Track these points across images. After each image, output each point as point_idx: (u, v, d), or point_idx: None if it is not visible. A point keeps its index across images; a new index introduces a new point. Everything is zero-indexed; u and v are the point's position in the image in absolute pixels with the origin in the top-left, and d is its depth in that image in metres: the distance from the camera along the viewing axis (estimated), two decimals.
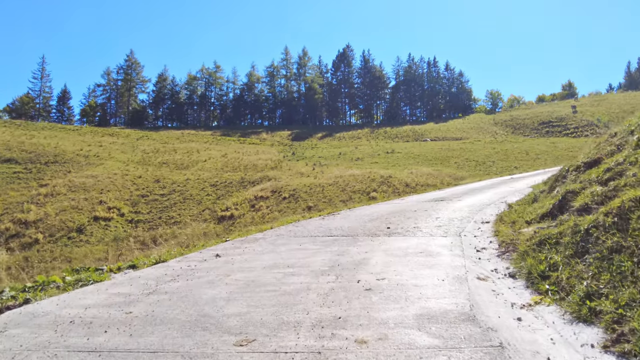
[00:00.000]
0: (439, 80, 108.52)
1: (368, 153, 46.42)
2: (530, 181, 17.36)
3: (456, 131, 72.58)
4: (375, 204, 16.16)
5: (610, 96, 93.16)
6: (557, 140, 51.91)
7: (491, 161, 38.71)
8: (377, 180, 29.80)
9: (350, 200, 26.97)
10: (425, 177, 30.86)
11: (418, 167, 36.22)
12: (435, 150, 45.55)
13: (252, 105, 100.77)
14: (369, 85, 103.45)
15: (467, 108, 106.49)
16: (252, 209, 28.96)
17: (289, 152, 52.13)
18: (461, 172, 33.81)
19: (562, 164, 35.55)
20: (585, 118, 69.86)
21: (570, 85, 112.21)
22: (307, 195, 28.65)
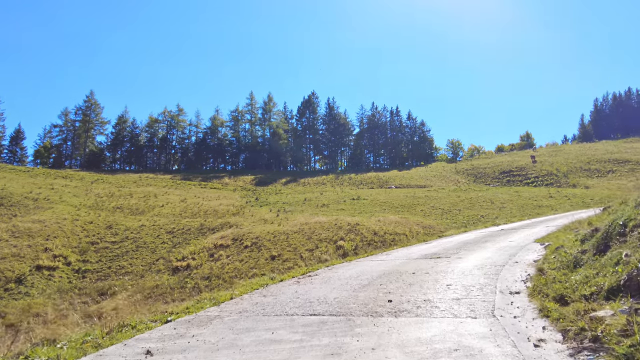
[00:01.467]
0: (402, 129, 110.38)
1: (334, 199, 45.38)
2: (526, 234, 16.08)
3: (420, 179, 72.93)
4: (357, 261, 14.06)
5: (566, 147, 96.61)
6: (519, 189, 52.43)
7: (457, 209, 38.25)
8: (344, 228, 28.60)
9: (316, 249, 25.62)
10: (393, 225, 29.87)
11: (385, 214, 35.31)
12: (401, 198, 44.96)
13: (215, 150, 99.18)
14: (333, 132, 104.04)
15: (429, 157, 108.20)
16: (210, 258, 27.11)
17: (252, 197, 50.59)
18: (429, 221, 33.04)
19: (528, 212, 35.03)
20: (545, 168, 71.58)
21: (528, 136, 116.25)
22: (270, 243, 27.10)
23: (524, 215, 34.59)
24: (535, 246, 11.28)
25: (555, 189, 52.91)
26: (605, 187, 55.58)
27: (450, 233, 20.55)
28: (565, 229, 13.63)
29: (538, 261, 8.13)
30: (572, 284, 5.18)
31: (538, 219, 25.71)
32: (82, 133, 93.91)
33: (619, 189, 52.15)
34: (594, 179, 64.21)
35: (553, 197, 42.91)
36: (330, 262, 14.75)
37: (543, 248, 10.15)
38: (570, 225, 14.09)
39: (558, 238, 10.96)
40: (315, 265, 14.61)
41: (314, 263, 23.47)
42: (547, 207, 37.79)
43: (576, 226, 12.79)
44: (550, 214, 34.51)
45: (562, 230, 13.45)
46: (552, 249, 7.80)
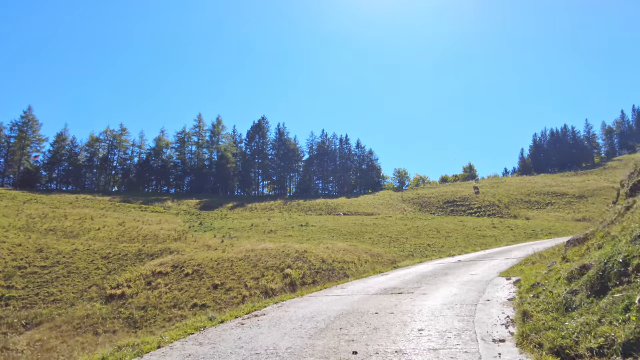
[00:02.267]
0: (351, 157, 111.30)
1: (281, 225, 44.33)
2: (487, 267, 15.25)
3: (367, 206, 73.12)
4: (310, 296, 12.42)
5: (507, 179, 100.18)
6: (464, 219, 53.30)
7: (404, 237, 38.18)
8: (292, 256, 27.61)
9: (262, 277, 24.47)
10: (341, 252, 29.20)
11: (333, 241, 34.63)
12: (349, 225, 44.53)
13: (158, 171, 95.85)
14: (283, 157, 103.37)
15: (376, 185, 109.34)
16: (148, 286, 25.33)
17: (195, 222, 48.71)
18: (377, 249, 32.63)
19: (473, 242, 35.29)
20: (487, 199, 73.56)
21: (471, 167, 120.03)
22: (213, 271, 25.70)
23: (469, 244, 34.84)
24: (502, 281, 10.58)
25: (498, 219, 54.18)
26: (544, 219, 57.48)
27: (405, 264, 19.55)
28: (527, 261, 13.25)
29: (513, 300, 7.36)
30: (571, 332, 4.41)
31: (493, 250, 25.26)
32: (17, 150, 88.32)
33: (557, 221, 54.04)
34: (534, 211, 66.44)
35: (496, 228, 43.70)
36: (280, 296, 13.22)
37: (511, 284, 9.46)
38: (530, 258, 13.75)
39: (524, 272, 10.42)
40: (262, 300, 13.32)
41: (259, 293, 22.35)
42: (491, 237, 38.32)
43: (536, 259, 12.46)
44: (495, 245, 34.94)
45: (524, 264, 12.97)
46: (527, 287, 7.07)
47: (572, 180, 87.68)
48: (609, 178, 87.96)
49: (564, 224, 48.10)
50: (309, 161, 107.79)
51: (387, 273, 16.97)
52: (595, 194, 71.21)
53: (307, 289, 22.82)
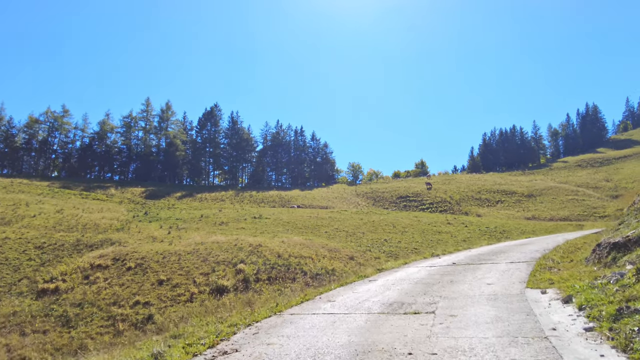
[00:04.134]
0: (305, 149, 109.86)
1: (234, 217, 42.35)
2: (497, 272, 12.17)
3: (322, 200, 72.06)
4: (292, 314, 9.29)
5: (457, 176, 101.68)
6: (418, 215, 53.03)
7: (361, 232, 37.17)
8: (245, 249, 25.88)
9: (213, 272, 22.63)
10: (298, 247, 27.71)
11: (289, 235, 33.10)
12: (305, 218, 43.11)
13: (102, 157, 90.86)
14: (235, 147, 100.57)
15: (330, 178, 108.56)
16: (85, 280, 22.94)
17: (140, 211, 45.92)
18: (334, 243, 31.37)
19: (429, 237, 34.63)
20: (439, 195, 74.07)
21: (423, 164, 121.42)
22: (158, 265, 23.60)
23: (426, 240, 34.30)
24: (538, 296, 8.30)
25: (452, 215, 54.28)
26: (496, 217, 58.17)
27: (390, 266, 17.14)
28: (541, 267, 11.21)
29: (595, 331, 5.20)
30: None
31: (481, 250, 21.93)
32: None
33: (509, 219, 54.73)
34: (484, 208, 67.32)
35: (451, 224, 43.48)
36: (253, 315, 9.31)
37: (558, 302, 7.34)
38: (542, 262, 11.90)
39: (558, 284, 8.76)
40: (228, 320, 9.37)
41: (209, 290, 20.53)
42: (447, 234, 37.90)
43: (550, 263, 11.14)
44: (452, 240, 34.48)
45: (539, 270, 10.62)
46: (597, 311, 5.46)
47: (520, 180, 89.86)
48: (555, 178, 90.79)
49: (516, 222, 48.58)
50: (263, 152, 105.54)
51: (375, 278, 13.93)
52: (543, 194, 73.03)
53: (265, 286, 21.29)
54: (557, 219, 56.40)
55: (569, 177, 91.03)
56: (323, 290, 11.96)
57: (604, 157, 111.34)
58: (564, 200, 67.61)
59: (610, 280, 6.41)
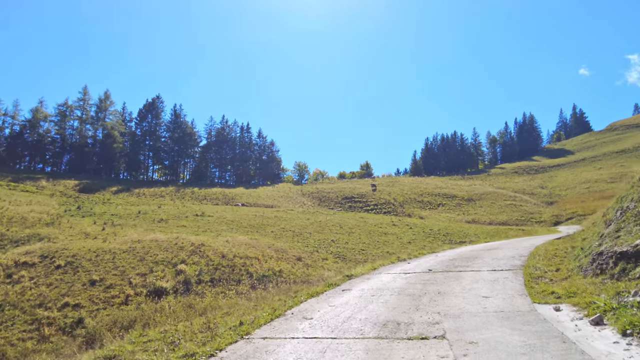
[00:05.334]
0: (251, 146, 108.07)
1: (174, 214, 40.41)
2: (486, 282, 11.00)
3: (267, 198, 70.82)
4: (261, 336, 7.53)
5: (401, 179, 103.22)
6: (364, 216, 52.96)
7: (308, 232, 36.42)
8: (186, 249, 24.40)
9: (151, 273, 21.08)
10: (243, 247, 26.50)
11: (233, 234, 31.77)
12: (250, 217, 41.83)
13: (33, 146, 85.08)
14: (177, 141, 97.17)
15: (276, 177, 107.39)
16: (8, 279, 20.69)
17: (73, 205, 43.00)
18: (280, 243, 30.38)
19: (376, 239, 34.31)
20: (383, 197, 74.67)
21: (368, 165, 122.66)
22: (91, 264, 21.72)
23: (372, 241, 33.98)
24: (557, 315, 7.17)
25: (396, 217, 54.60)
26: (438, 219, 59.12)
27: (360, 272, 14.66)
28: (535, 277, 10.39)
29: None
30: None
31: (447, 254, 20.56)
32: None
33: (450, 222, 55.71)
34: (427, 210, 68.40)
35: (396, 225, 43.55)
36: (217, 339, 7.29)
37: (585, 324, 6.31)
38: (529, 271, 11.11)
39: (569, 300, 7.88)
40: None
41: (146, 292, 19.00)
42: (392, 235, 37.86)
43: (538, 273, 10.51)
44: (398, 242, 34.38)
45: (533, 281, 10.02)
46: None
47: (460, 184, 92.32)
48: (493, 184, 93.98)
49: (458, 225, 49.41)
50: (207, 147, 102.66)
51: (348, 287, 12.06)
52: (483, 198, 75.18)
53: (207, 288, 19.98)
54: (496, 223, 58.03)
55: (506, 183, 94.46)
56: (293, 304, 10.01)
57: (539, 165, 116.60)
58: (502, 205, 69.84)
59: (627, 300, 5.83)
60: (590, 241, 12.82)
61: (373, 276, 13.98)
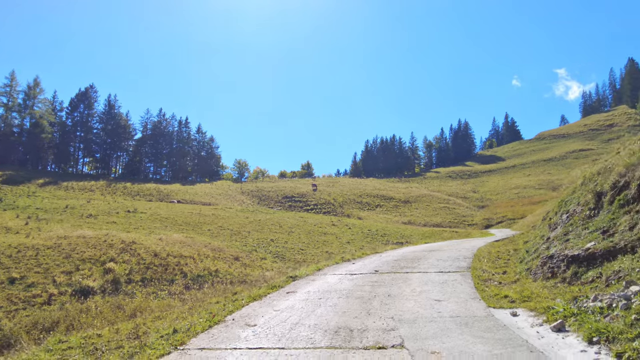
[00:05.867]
0: (189, 142, 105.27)
1: (104, 210, 38.54)
2: (436, 284, 10.55)
3: (205, 196, 69.21)
4: (200, 348, 6.55)
5: (341, 180, 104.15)
6: (304, 215, 52.86)
7: (246, 231, 35.81)
8: (116, 247, 23.27)
9: (77, 271, 19.93)
10: (178, 245, 25.63)
11: (167, 232, 30.72)
12: (186, 214, 40.63)
13: None
14: (110, 133, 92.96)
15: (214, 174, 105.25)
16: None
17: None
18: (217, 242, 29.68)
19: (315, 238, 34.23)
20: (323, 197, 75.03)
21: (309, 165, 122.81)
22: (11, 260, 20.23)
23: (312, 241, 33.91)
24: (510, 319, 7.04)
25: (336, 217, 54.92)
26: (375, 220, 60.07)
27: (304, 273, 13.16)
28: (483, 279, 10.34)
29: None
30: None
31: (390, 255, 19.38)
32: None
33: (387, 223, 56.75)
34: (365, 211, 69.37)
35: (336, 226, 43.78)
36: (146, 351, 6.36)
37: (549, 330, 6.16)
38: (477, 273, 10.75)
39: (523, 300, 7.85)
40: None
41: (71, 291, 17.86)
42: (332, 235, 37.98)
43: (486, 276, 10.45)
44: (337, 242, 34.50)
45: (484, 284, 9.89)
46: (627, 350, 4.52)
47: (398, 186, 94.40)
48: (428, 187, 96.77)
49: (395, 226, 50.38)
50: (142, 141, 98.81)
51: (292, 289, 11.17)
52: (418, 200, 77.19)
53: (138, 288, 19.04)
54: (431, 224, 59.72)
55: (441, 187, 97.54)
56: (233, 308, 9.05)
57: (472, 170, 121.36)
58: (436, 208, 72.01)
59: (610, 304, 5.80)
60: (533, 244, 13.19)
61: (318, 277, 13.24)
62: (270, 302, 9.65)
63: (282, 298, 10.02)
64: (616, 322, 5.28)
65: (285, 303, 9.37)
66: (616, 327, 5.18)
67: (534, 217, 39.60)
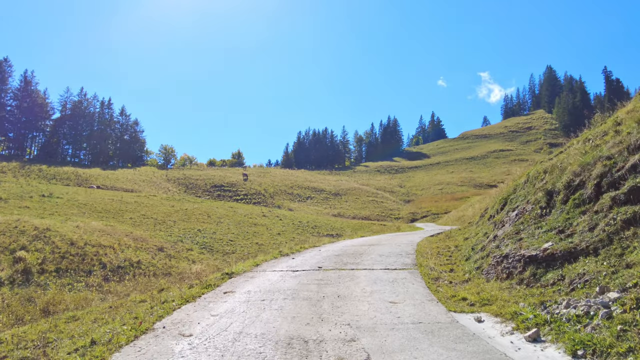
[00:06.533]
0: (112, 124, 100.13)
1: (16, 193, 35.65)
2: (386, 284, 9.77)
3: (127, 182, 66.11)
4: None
5: (272, 170, 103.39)
6: (234, 205, 51.79)
7: (172, 221, 34.46)
8: (28, 233, 21.45)
9: None
10: (97, 234, 24.06)
11: (85, 219, 28.81)
12: (106, 201, 38.45)
13: None
14: (26, 111, 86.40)
15: (138, 159, 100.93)
16: None
17: None
18: (140, 231, 28.28)
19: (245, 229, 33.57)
20: (254, 187, 74.15)
21: (240, 154, 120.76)
22: None
23: (242, 232, 33.25)
24: (476, 326, 6.54)
25: (267, 208, 54.36)
26: (306, 212, 60.11)
27: (241, 269, 10.67)
28: (434, 278, 9.83)
29: None
30: None
31: (331, 249, 18.53)
32: None
33: (318, 215, 56.99)
34: (296, 203, 69.29)
35: (266, 217, 43.25)
36: None
37: (523, 340, 5.67)
38: (426, 272, 10.53)
39: (483, 304, 7.49)
40: None
41: None
42: (262, 226, 37.46)
43: (435, 274, 10.00)
44: (268, 233, 34.07)
45: (435, 283, 9.40)
46: None
47: (328, 179, 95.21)
48: (358, 180, 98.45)
49: (325, 218, 50.61)
50: (60, 121, 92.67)
51: (230, 289, 9.83)
52: (348, 193, 78.26)
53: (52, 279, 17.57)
54: (359, 217, 60.65)
55: (369, 180, 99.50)
56: (163, 312, 7.73)
57: (399, 165, 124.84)
58: (365, 201, 73.31)
59: (587, 311, 5.55)
60: (476, 241, 13.10)
61: (257, 274, 11.96)
62: (206, 304, 8.43)
63: (220, 299, 8.79)
64: (600, 333, 4.85)
65: (224, 306, 8.19)
66: (602, 339, 4.77)
67: (458, 213, 41.19)
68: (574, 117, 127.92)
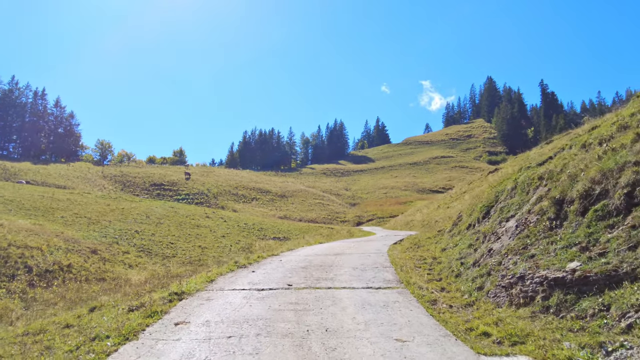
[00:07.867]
0: (45, 116, 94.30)
1: None
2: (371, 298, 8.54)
3: (59, 178, 62.10)
4: None
5: (216, 170, 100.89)
6: (175, 205, 49.55)
7: (107, 220, 32.23)
8: None
9: None
10: (23, 233, 21.81)
11: (11, 217, 26.32)
12: (36, 198, 35.59)
13: None
14: None
15: (72, 154, 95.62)
16: None
17: None
18: (72, 232, 26.09)
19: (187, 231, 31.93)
20: (197, 187, 71.82)
21: (182, 152, 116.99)
22: None
23: (183, 233, 31.60)
24: None
25: (210, 209, 52.46)
26: (251, 213, 58.71)
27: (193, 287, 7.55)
28: (428, 300, 8.15)
29: None
30: None
31: (293, 259, 16.38)
32: None
33: (264, 217, 55.69)
34: (240, 204, 67.63)
35: (210, 218, 41.58)
36: None
37: None
38: (419, 293, 8.18)
39: (511, 340, 5.62)
40: None
41: None
42: (205, 228, 35.89)
43: (428, 295, 8.29)
44: (212, 235, 32.61)
45: (426, 302, 7.93)
46: None
47: (274, 180, 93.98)
48: (304, 182, 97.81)
49: (271, 220, 49.43)
50: None
51: (182, 318, 7.59)
52: (294, 195, 77.39)
53: None
54: (306, 220, 59.87)
55: (315, 183, 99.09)
56: (94, 358, 5.54)
57: (345, 168, 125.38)
58: (312, 204, 72.67)
59: None
60: (459, 254, 11.87)
61: (214, 294, 9.51)
62: (153, 345, 6.04)
63: (171, 337, 6.42)
64: None
65: (178, 349, 5.81)
66: None
67: (405, 217, 41.17)
68: (512, 127, 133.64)
